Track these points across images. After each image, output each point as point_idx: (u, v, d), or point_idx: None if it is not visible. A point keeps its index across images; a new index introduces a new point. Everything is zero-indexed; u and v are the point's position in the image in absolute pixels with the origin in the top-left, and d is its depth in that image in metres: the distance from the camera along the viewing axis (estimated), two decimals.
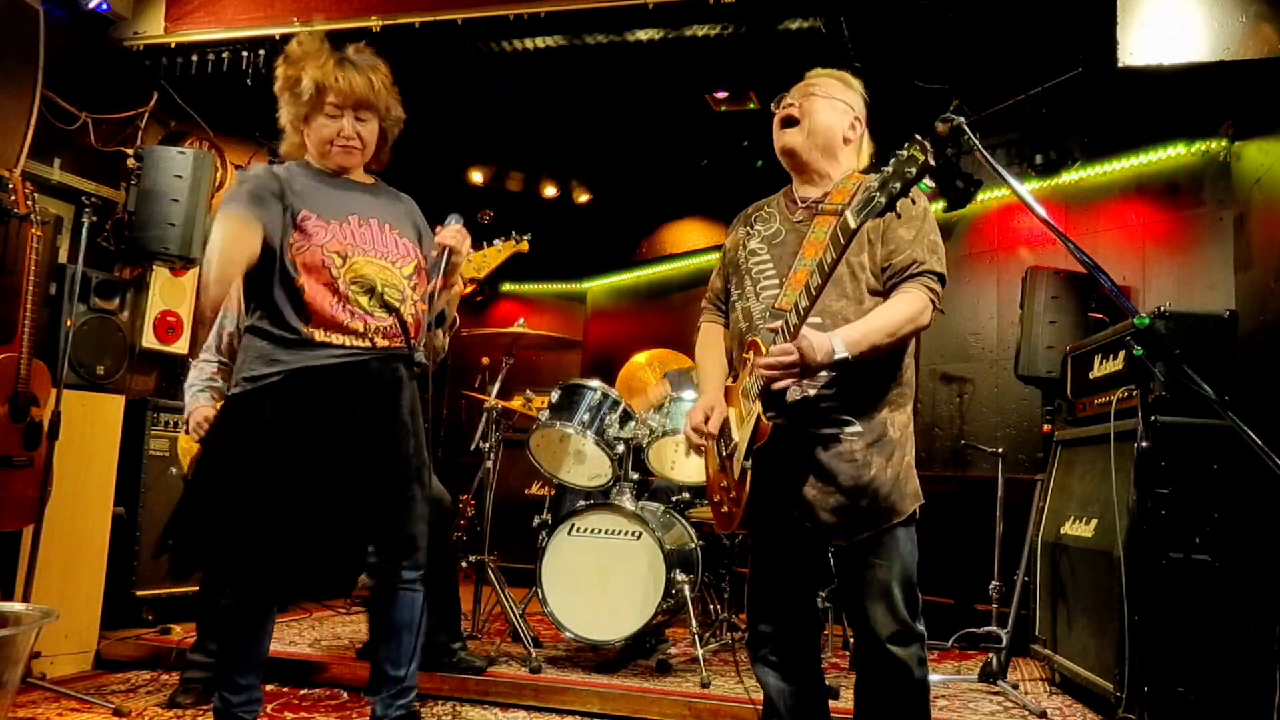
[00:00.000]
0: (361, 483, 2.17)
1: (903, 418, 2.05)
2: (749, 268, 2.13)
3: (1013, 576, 3.80)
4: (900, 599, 1.97)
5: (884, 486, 1.98)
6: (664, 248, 6.88)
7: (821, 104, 2.11)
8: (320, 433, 2.16)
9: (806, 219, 2.08)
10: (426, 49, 3.81)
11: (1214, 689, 2.69)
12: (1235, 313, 3.13)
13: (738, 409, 2.06)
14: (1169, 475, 2.80)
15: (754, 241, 2.16)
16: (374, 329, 2.25)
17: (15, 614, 2.50)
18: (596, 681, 3.31)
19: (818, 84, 2.14)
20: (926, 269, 2.00)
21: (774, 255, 2.11)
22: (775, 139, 2.16)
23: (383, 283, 2.26)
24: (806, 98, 2.12)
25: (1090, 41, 3.48)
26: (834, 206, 2.04)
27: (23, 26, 3.47)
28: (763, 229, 2.17)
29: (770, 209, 2.21)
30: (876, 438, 1.99)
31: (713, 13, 3.50)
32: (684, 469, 3.87)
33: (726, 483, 2.09)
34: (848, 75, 2.19)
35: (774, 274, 2.08)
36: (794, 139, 2.11)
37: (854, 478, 1.97)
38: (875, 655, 1.99)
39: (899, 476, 2.00)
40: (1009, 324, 4.84)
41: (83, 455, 3.47)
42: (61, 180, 3.92)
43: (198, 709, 2.96)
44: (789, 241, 2.09)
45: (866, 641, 2.01)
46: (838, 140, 2.12)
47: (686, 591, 3.52)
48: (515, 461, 5.10)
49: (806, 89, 2.14)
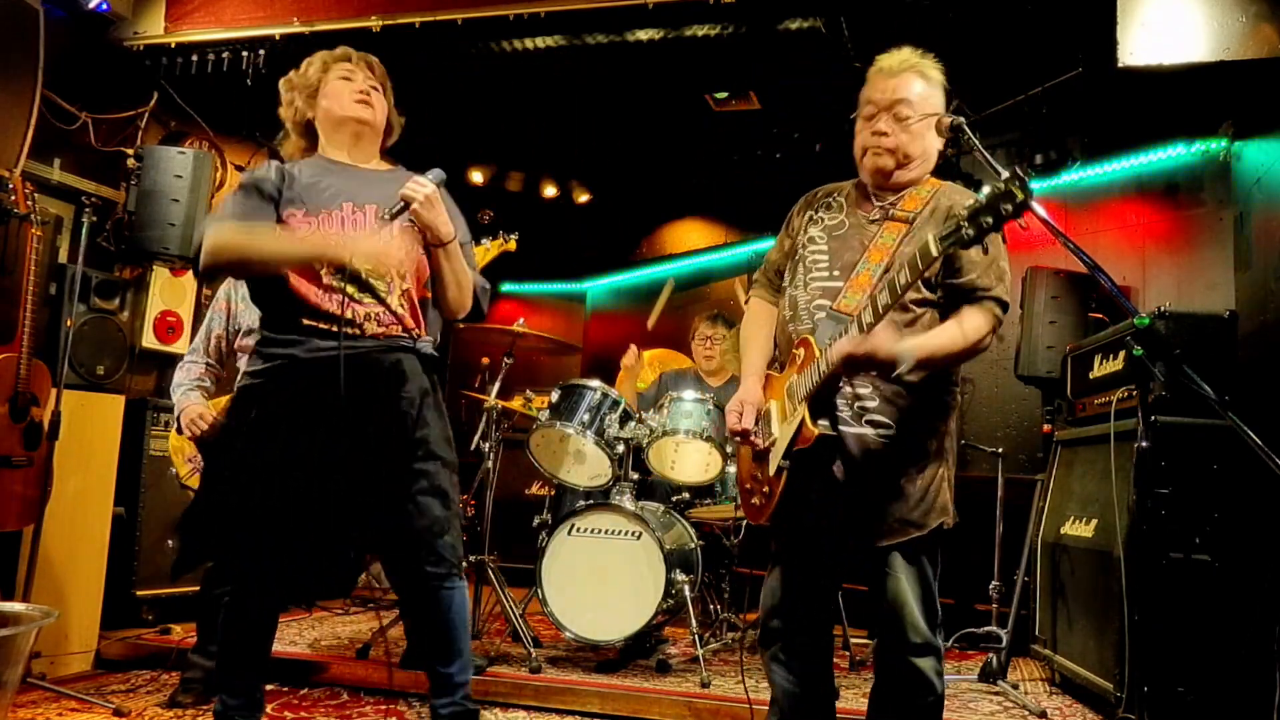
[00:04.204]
0: (352, 479, 2.09)
1: (943, 430, 2.03)
2: (804, 255, 2.09)
3: (1013, 576, 3.80)
4: (920, 612, 1.96)
5: (912, 498, 1.96)
6: (664, 248, 6.87)
7: (915, 134, 2.00)
8: (306, 427, 2.11)
9: (878, 219, 2.04)
10: (426, 49, 3.81)
11: (1214, 689, 2.69)
12: (1235, 313, 3.13)
13: (781, 403, 2.02)
14: (1169, 475, 2.80)
15: (815, 229, 2.10)
16: (364, 316, 2.18)
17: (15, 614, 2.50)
18: (596, 681, 3.31)
19: (909, 104, 2.00)
20: (993, 295, 1.96)
21: (832, 247, 2.06)
22: (864, 156, 2.06)
23: (366, 272, 2.18)
24: (902, 126, 2.00)
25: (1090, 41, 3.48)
26: (905, 214, 2.00)
27: (23, 26, 3.47)
28: (826, 217, 2.11)
29: (839, 197, 2.14)
30: (912, 448, 1.98)
31: (713, 13, 3.50)
32: (684, 469, 3.87)
33: (760, 474, 2.06)
34: (929, 68, 2.04)
35: (826, 266, 2.04)
36: (886, 162, 2.02)
37: (887, 484, 1.95)
38: (897, 664, 1.99)
39: (929, 489, 1.98)
40: (1009, 324, 4.78)
41: (83, 455, 3.47)
42: (61, 180, 3.92)
43: (198, 709, 2.96)
44: (850, 237, 2.05)
45: (889, 650, 2.01)
46: (930, 158, 2.06)
47: (686, 591, 3.52)
48: (515, 461, 5.09)
49: (897, 111, 2.00)
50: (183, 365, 3.16)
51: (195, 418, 2.99)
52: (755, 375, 2.14)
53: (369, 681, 3.30)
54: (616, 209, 6.67)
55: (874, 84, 2.06)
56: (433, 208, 2.20)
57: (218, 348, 3.16)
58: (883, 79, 2.04)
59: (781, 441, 1.97)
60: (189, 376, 3.12)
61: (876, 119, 2.03)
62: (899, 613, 1.96)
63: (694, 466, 3.83)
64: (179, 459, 3.11)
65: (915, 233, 1.98)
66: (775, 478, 1.98)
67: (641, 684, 3.31)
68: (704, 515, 3.97)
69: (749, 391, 2.10)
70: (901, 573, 1.96)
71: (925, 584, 1.98)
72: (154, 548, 3.97)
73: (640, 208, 6.71)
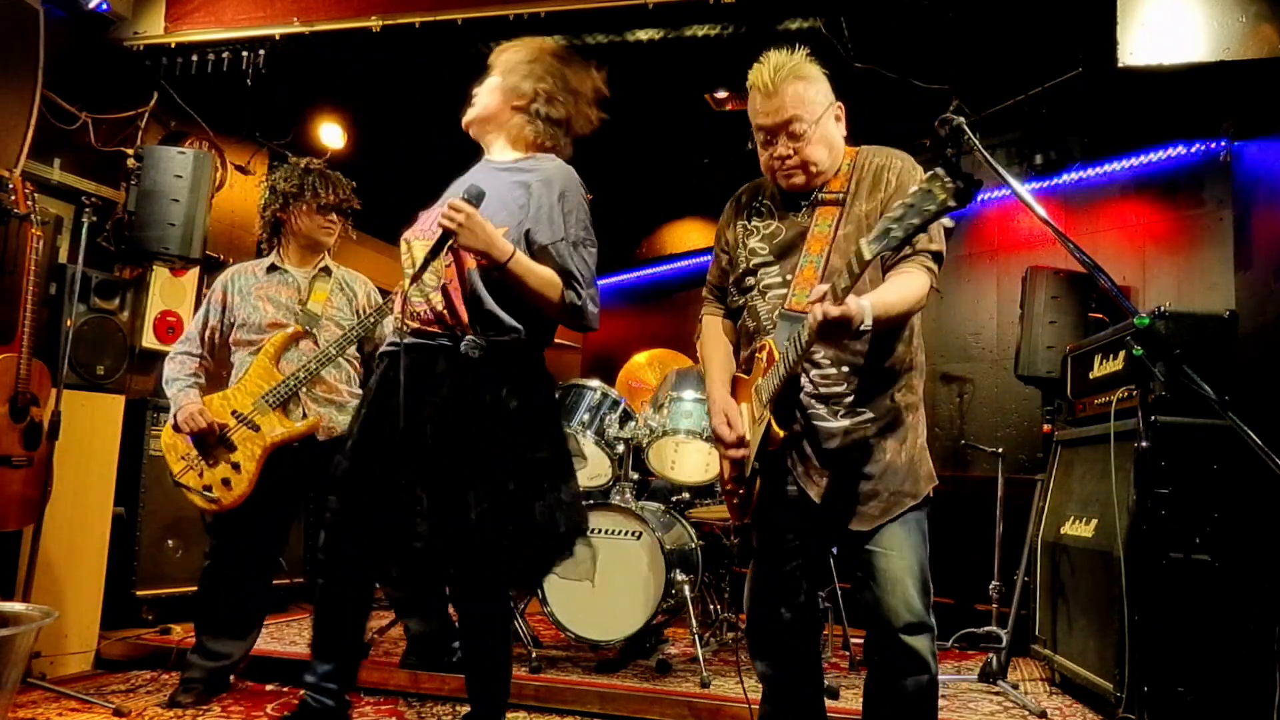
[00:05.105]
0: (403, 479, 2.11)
1: (913, 399, 2.03)
2: (753, 268, 2.09)
3: (1013, 576, 3.80)
4: (915, 589, 1.93)
5: (900, 471, 1.96)
6: (664, 248, 6.88)
7: (816, 141, 1.97)
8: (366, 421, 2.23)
9: (807, 206, 2.04)
10: (426, 49, 3.81)
11: (1214, 689, 2.69)
12: (1235, 313, 3.13)
13: (750, 405, 2.04)
14: (1169, 475, 2.80)
15: (754, 240, 2.11)
16: (412, 313, 2.20)
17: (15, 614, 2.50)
18: (596, 681, 3.31)
19: (799, 119, 1.95)
20: (923, 249, 1.93)
21: (776, 253, 2.07)
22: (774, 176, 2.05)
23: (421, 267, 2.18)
24: (799, 143, 1.97)
25: (1090, 41, 3.48)
26: (834, 195, 2.00)
27: (23, 26, 3.47)
28: (760, 226, 2.11)
29: (765, 200, 2.13)
30: (889, 422, 1.98)
31: (713, 13, 3.50)
32: (684, 469, 3.87)
33: (739, 475, 2.08)
34: (804, 69, 1.98)
35: (778, 273, 2.05)
36: (798, 180, 2.01)
37: (868, 464, 1.95)
38: (889, 645, 1.95)
39: (913, 459, 1.99)
40: (1009, 324, 4.84)
41: (83, 455, 3.47)
42: (61, 180, 3.92)
43: (198, 709, 2.96)
44: (790, 238, 2.05)
45: (880, 632, 1.97)
46: (838, 147, 2.05)
47: (686, 591, 3.52)
48: None
49: (791, 130, 1.96)
50: (175, 357, 3.15)
51: (195, 413, 2.99)
52: (721, 383, 2.14)
53: (369, 681, 3.30)
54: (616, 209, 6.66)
55: (756, 107, 1.99)
56: (474, 233, 2.08)
57: (211, 339, 3.16)
58: (764, 100, 1.97)
59: (753, 445, 1.99)
60: (184, 370, 3.11)
61: (775, 143, 1.99)
62: (894, 589, 1.93)
63: (694, 466, 3.84)
64: (172, 456, 3.07)
65: (850, 210, 1.99)
66: (751, 479, 2.01)
67: (641, 684, 3.31)
68: (704, 515, 3.97)
69: (722, 399, 2.10)
70: (897, 548, 1.94)
71: (920, 558, 1.96)
72: (154, 548, 3.97)
73: (640, 208, 6.71)
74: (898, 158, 2.05)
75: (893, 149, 2.08)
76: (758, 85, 1.97)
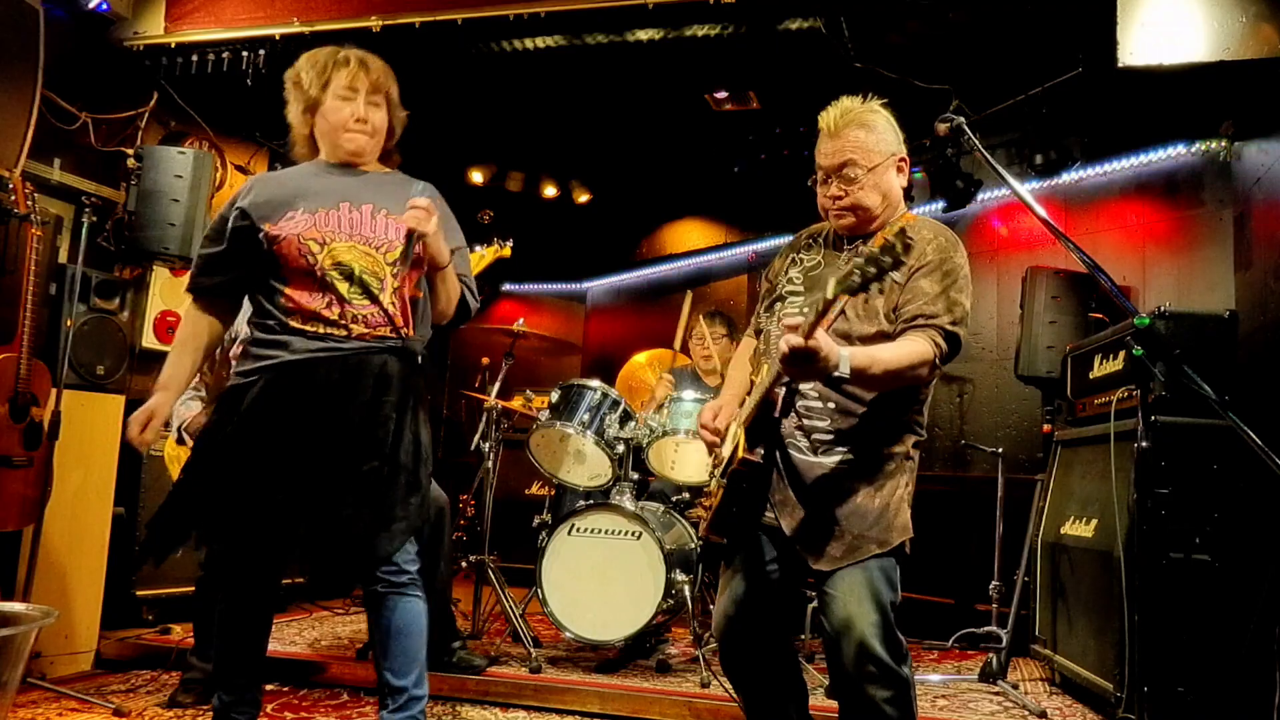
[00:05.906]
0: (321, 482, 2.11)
1: (900, 451, 1.98)
2: (783, 295, 2.11)
3: (1013, 576, 3.80)
4: (874, 636, 1.83)
5: (869, 515, 1.91)
6: (664, 248, 6.87)
7: (869, 187, 1.98)
8: (284, 429, 2.13)
9: (849, 253, 2.04)
10: (426, 49, 3.81)
11: (1214, 689, 2.69)
12: (1235, 313, 3.13)
13: (737, 424, 2.06)
14: (1169, 475, 2.80)
15: (794, 270, 2.13)
16: (351, 317, 2.19)
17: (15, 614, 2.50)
18: (596, 681, 3.31)
19: (855, 164, 1.97)
20: (935, 324, 1.90)
21: (805, 285, 2.08)
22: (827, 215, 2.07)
23: (361, 269, 2.19)
24: (851, 186, 1.98)
25: (1090, 41, 3.48)
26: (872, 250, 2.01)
27: (23, 26, 3.47)
28: (805, 258, 2.13)
29: (819, 239, 2.16)
30: (867, 467, 1.94)
31: (713, 13, 3.50)
32: (684, 469, 3.87)
33: (713, 487, 2.11)
34: (868, 118, 2.00)
35: (799, 302, 2.06)
36: (848, 221, 2.03)
37: (838, 505, 1.92)
38: (849, 693, 1.90)
39: (888, 507, 1.93)
40: (1009, 324, 4.84)
41: (83, 455, 3.47)
42: (61, 180, 3.91)
43: (198, 709, 2.96)
44: (824, 276, 2.02)
45: (837, 677, 1.92)
46: (894, 197, 2.04)
47: (686, 591, 3.52)
48: (515, 461, 5.10)
49: (845, 174, 1.98)
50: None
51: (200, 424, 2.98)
52: (733, 392, 2.20)
53: (369, 681, 3.29)
54: (616, 209, 6.67)
55: (820, 147, 2.04)
56: (438, 237, 2.22)
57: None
58: (826, 141, 2.02)
59: (722, 460, 2.03)
60: None
61: (830, 183, 2.02)
62: (849, 634, 1.84)
63: (694, 466, 3.83)
64: (175, 468, 3.09)
65: None
66: (716, 491, 2.04)
67: (641, 684, 3.31)
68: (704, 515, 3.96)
69: (726, 399, 2.18)
70: (855, 594, 1.86)
71: (882, 605, 1.86)
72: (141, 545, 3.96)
73: (640, 208, 6.71)
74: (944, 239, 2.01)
75: (944, 228, 2.05)
76: (823, 127, 2.03)
